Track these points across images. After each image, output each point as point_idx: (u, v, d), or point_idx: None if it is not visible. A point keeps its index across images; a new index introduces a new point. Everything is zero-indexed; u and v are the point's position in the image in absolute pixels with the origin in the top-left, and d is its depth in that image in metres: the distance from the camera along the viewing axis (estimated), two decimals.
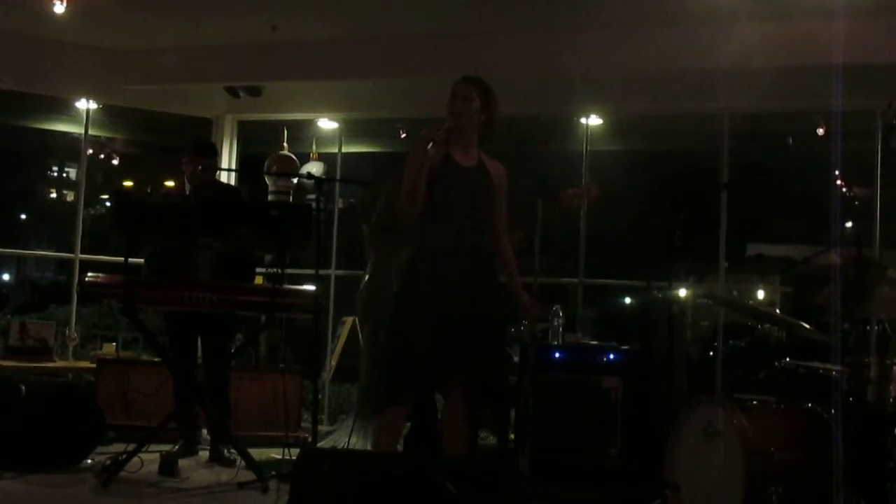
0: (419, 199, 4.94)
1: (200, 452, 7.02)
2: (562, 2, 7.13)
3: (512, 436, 7.07)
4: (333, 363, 8.94)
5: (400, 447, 6.75)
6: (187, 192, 6.92)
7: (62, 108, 9.68)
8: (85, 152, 9.70)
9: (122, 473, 6.02)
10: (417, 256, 5.05)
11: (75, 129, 9.75)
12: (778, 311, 6.07)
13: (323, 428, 8.01)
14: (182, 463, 6.51)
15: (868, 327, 5.07)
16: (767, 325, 5.98)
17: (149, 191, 12.85)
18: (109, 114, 9.96)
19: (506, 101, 8.10)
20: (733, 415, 5.01)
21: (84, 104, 9.38)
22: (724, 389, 6.10)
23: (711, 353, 6.89)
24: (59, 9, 7.43)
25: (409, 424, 6.32)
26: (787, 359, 5.44)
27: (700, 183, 8.63)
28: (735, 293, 7.38)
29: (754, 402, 5.35)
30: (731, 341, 6.16)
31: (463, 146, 5.13)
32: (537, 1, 7.16)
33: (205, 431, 7.27)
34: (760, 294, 7.09)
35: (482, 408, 5.12)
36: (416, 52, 8.10)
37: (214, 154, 7.25)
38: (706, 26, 7.22)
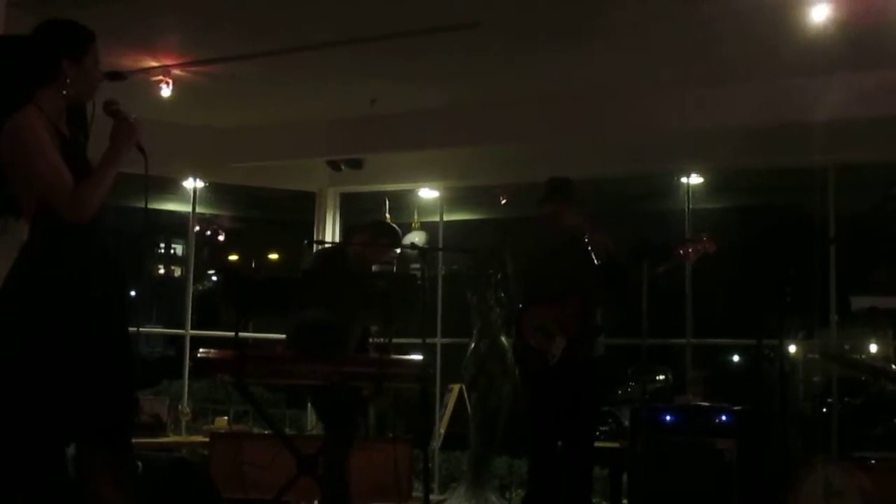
0: None
1: None
2: (660, 59, 7.14)
3: (625, 501, 7.00)
4: (442, 431, 8.93)
5: None
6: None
7: (170, 187, 9.91)
8: (192, 230, 9.91)
9: None
10: None
11: (183, 207, 9.96)
12: (894, 366, 5.95)
13: (434, 497, 8.01)
14: None
15: None
16: (883, 380, 5.85)
17: (253, 265, 13.01)
18: (215, 191, 10.19)
19: (608, 162, 8.20)
20: (854, 474, 4.93)
21: (191, 183, 9.62)
22: (840, 447, 5.96)
23: (825, 410, 6.75)
24: (166, 92, 7.68)
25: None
26: None
27: (806, 237, 8.51)
28: (847, 347, 7.22)
29: (874, 461, 5.25)
30: (846, 398, 6.03)
31: None
32: (633, 58, 7.19)
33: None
34: (873, 348, 6.93)
35: None
36: (511, 117, 8.16)
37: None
38: (805, 78, 7.18)
